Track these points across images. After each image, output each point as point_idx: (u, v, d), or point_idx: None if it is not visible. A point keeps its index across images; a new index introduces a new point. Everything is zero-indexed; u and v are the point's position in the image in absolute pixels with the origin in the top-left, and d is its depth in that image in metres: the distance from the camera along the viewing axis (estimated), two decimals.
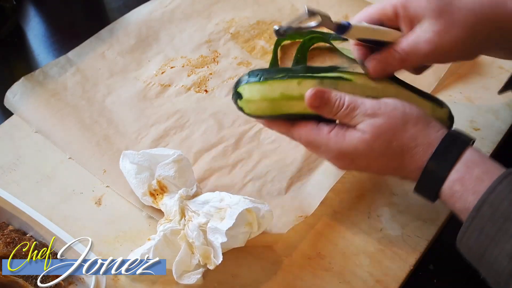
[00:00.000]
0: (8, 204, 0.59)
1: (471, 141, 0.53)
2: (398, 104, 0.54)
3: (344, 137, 0.54)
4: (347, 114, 0.54)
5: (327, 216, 0.64)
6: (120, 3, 0.93)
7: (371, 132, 0.52)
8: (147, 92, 0.77)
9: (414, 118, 0.53)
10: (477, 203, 0.47)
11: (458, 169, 0.50)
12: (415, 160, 0.52)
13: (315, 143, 0.56)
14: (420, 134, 0.52)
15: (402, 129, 0.52)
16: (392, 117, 0.53)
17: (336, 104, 0.54)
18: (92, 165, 0.68)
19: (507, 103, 0.76)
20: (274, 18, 0.86)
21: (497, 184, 0.47)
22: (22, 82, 0.76)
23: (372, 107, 0.53)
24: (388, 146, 0.53)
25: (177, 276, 0.56)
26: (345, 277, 0.59)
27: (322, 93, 0.54)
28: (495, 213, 0.46)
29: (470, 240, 0.48)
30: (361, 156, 0.54)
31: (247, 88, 0.57)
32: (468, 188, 0.49)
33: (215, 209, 0.57)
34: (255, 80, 0.57)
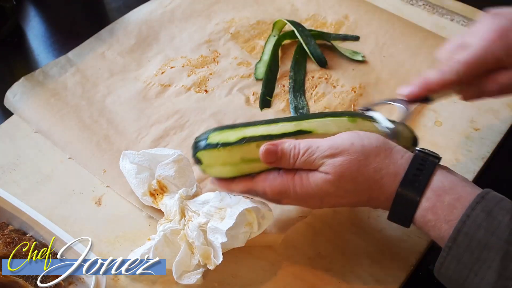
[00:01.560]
0: (8, 204, 0.59)
1: (438, 161, 0.51)
2: (355, 138, 0.52)
3: (308, 180, 0.53)
4: (306, 160, 0.52)
5: (327, 216, 0.64)
6: (120, 3, 0.93)
7: (334, 173, 0.51)
8: (147, 92, 0.77)
9: (374, 148, 0.52)
10: (453, 233, 0.47)
11: (428, 197, 0.49)
12: (383, 192, 0.51)
13: (282, 191, 0.54)
14: (384, 164, 0.51)
15: (364, 163, 0.51)
16: (351, 153, 0.51)
17: (292, 154, 0.53)
18: (92, 165, 0.69)
19: (507, 103, 0.76)
20: (274, 18, 0.86)
21: (470, 211, 0.47)
22: (22, 82, 0.76)
23: (329, 148, 0.52)
24: (354, 182, 0.52)
25: (177, 276, 0.56)
26: (345, 277, 0.59)
27: (276, 147, 0.53)
28: (471, 242, 0.46)
29: (449, 271, 0.47)
30: (329, 196, 0.53)
31: (206, 155, 0.56)
32: (441, 217, 0.48)
33: (215, 209, 0.57)
34: (213, 147, 0.55)
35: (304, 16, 0.88)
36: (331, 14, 0.89)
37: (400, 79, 0.79)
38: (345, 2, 0.90)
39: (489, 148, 0.71)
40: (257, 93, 0.77)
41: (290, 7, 0.90)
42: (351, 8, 0.89)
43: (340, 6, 0.89)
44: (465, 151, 0.71)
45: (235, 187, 0.57)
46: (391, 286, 0.58)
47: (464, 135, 0.72)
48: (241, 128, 0.56)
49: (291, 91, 0.77)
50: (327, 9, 0.89)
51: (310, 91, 0.78)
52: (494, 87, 0.56)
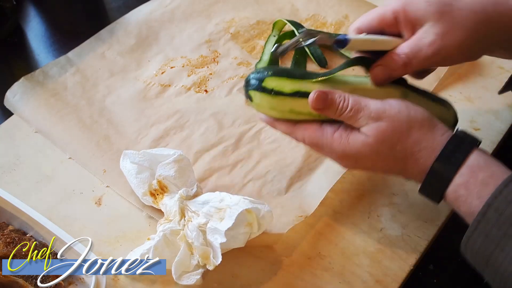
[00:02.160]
0: (8, 204, 0.59)
1: (477, 143, 0.52)
2: (402, 107, 0.53)
3: (348, 139, 0.54)
4: (351, 116, 0.53)
5: (327, 216, 0.64)
6: (120, 3, 0.93)
7: (374, 136, 0.52)
8: (147, 92, 0.77)
9: (418, 121, 0.52)
10: (483, 208, 0.47)
11: (462, 173, 0.50)
12: (418, 164, 0.52)
13: (319, 144, 0.55)
14: (424, 138, 0.52)
15: (406, 133, 0.52)
16: (396, 120, 0.52)
17: (340, 106, 0.54)
18: (92, 165, 0.69)
19: (507, 103, 0.76)
20: (274, 18, 0.86)
21: (503, 187, 0.47)
22: (22, 82, 0.76)
23: (376, 110, 0.53)
24: (392, 150, 0.52)
25: (177, 277, 0.56)
26: (345, 277, 0.59)
27: (326, 95, 0.54)
28: (500, 217, 0.46)
29: (475, 245, 0.48)
30: (365, 158, 0.54)
31: (258, 96, 0.57)
32: (473, 193, 0.49)
33: (215, 210, 0.57)
34: (266, 92, 0.56)
35: (304, 16, 0.88)
36: (331, 14, 0.89)
37: None
38: (345, 2, 0.90)
39: (489, 148, 0.71)
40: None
41: (290, 7, 0.90)
42: (351, 8, 0.89)
43: (340, 6, 0.89)
44: None
45: (278, 126, 0.58)
46: (391, 286, 0.58)
47: None
48: (298, 80, 0.56)
49: None
50: (327, 9, 0.89)
51: None
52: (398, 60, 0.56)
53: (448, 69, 0.78)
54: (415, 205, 0.65)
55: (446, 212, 0.64)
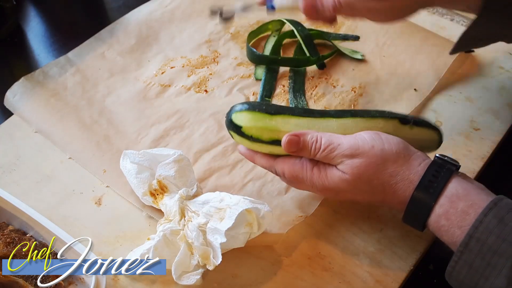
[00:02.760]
0: (8, 204, 0.59)
1: (456, 168, 0.52)
2: (376, 141, 0.53)
3: (326, 174, 0.55)
4: (325, 156, 0.54)
5: (327, 216, 0.64)
6: (120, 3, 0.93)
7: (350, 173, 0.53)
8: (147, 92, 0.77)
9: (393, 154, 0.53)
10: (464, 238, 0.47)
11: (441, 204, 0.50)
12: (397, 196, 0.52)
13: (299, 177, 0.57)
14: (401, 170, 0.52)
15: (381, 168, 0.52)
16: (371, 156, 0.52)
17: (313, 147, 0.54)
18: (92, 165, 0.69)
19: (507, 103, 0.76)
20: (274, 18, 0.86)
21: (482, 217, 0.47)
22: (22, 82, 0.76)
23: (350, 148, 0.53)
24: (369, 185, 0.53)
25: (177, 277, 0.56)
26: (345, 277, 0.59)
27: (298, 139, 0.55)
28: (483, 247, 0.46)
29: (460, 275, 0.48)
30: (344, 192, 0.55)
31: (237, 137, 0.59)
32: (454, 223, 0.49)
33: (215, 210, 0.57)
34: (245, 137, 0.58)
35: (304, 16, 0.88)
36: None
37: (400, 79, 0.79)
38: None
39: (489, 148, 0.71)
40: (257, 93, 0.77)
41: None
42: None
43: None
44: (465, 151, 0.71)
45: (258, 161, 0.60)
46: (391, 286, 0.58)
47: (464, 135, 0.72)
48: (277, 123, 0.57)
49: (291, 91, 0.77)
50: None
51: (310, 91, 0.78)
52: (330, 1, 0.58)
53: (448, 69, 0.78)
54: None
55: None
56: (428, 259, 0.62)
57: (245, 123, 0.58)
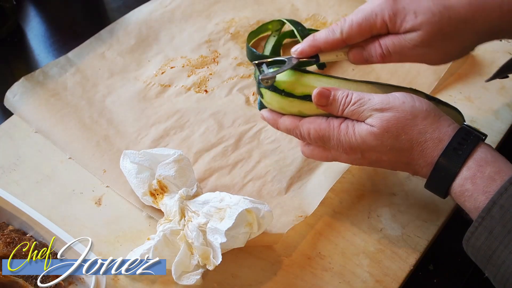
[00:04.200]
0: (8, 204, 0.59)
1: (484, 137, 0.52)
2: (407, 98, 0.53)
3: (354, 129, 0.54)
4: (355, 110, 0.53)
5: (327, 216, 0.64)
6: (120, 3, 0.93)
7: (379, 126, 0.52)
8: (147, 92, 0.77)
9: (423, 112, 0.52)
10: (488, 204, 0.47)
11: (469, 166, 0.49)
12: (424, 155, 0.51)
13: (325, 136, 0.55)
14: (430, 128, 0.51)
15: (411, 123, 0.52)
16: (400, 110, 0.52)
17: (343, 101, 0.54)
18: (92, 165, 0.69)
19: (507, 103, 0.76)
20: (274, 18, 0.86)
21: (508, 184, 0.47)
22: (22, 82, 0.76)
23: (380, 102, 0.53)
24: (397, 140, 0.52)
25: (177, 277, 0.56)
26: (345, 277, 0.59)
27: (328, 92, 0.54)
28: (505, 214, 0.46)
29: (478, 241, 0.47)
30: (371, 150, 0.54)
31: (268, 94, 0.58)
32: (479, 188, 0.48)
33: (215, 209, 0.57)
34: (277, 92, 0.57)
35: (304, 16, 0.88)
36: (331, 14, 0.89)
37: (400, 78, 0.79)
38: (345, 2, 0.90)
39: None
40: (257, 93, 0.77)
41: (290, 7, 0.90)
42: (351, 8, 0.89)
43: (340, 6, 0.89)
44: None
45: (282, 122, 0.58)
46: (391, 286, 0.58)
47: None
48: (310, 79, 0.57)
49: None
50: (327, 9, 0.89)
51: None
52: (378, 50, 0.57)
53: (448, 69, 0.78)
54: (415, 205, 0.65)
55: (446, 212, 0.64)
56: (428, 259, 0.62)
57: (279, 77, 0.57)
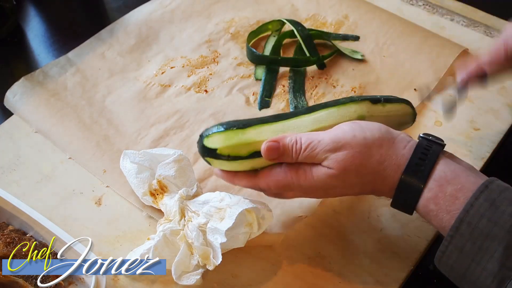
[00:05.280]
0: (8, 204, 0.59)
1: (442, 148, 0.51)
2: (356, 130, 0.52)
3: (312, 174, 0.53)
4: (308, 155, 0.52)
5: (327, 216, 0.64)
6: (120, 3, 0.93)
7: (337, 167, 0.51)
8: (147, 92, 0.77)
9: (376, 140, 0.51)
10: (455, 222, 0.47)
11: (430, 188, 0.49)
12: (387, 182, 0.51)
13: (286, 185, 0.54)
14: (387, 156, 0.51)
15: (367, 156, 0.51)
16: (354, 146, 0.51)
17: (294, 149, 0.53)
18: (92, 165, 0.69)
19: (507, 103, 0.76)
20: (274, 18, 0.86)
21: (473, 200, 0.46)
22: (22, 82, 0.76)
23: (331, 141, 0.52)
24: (358, 175, 0.52)
25: (177, 277, 0.56)
26: (345, 277, 0.59)
27: (277, 144, 0.53)
28: (474, 231, 0.46)
29: (450, 260, 0.47)
30: (334, 188, 0.53)
31: (215, 162, 0.56)
32: (443, 208, 0.48)
33: (215, 209, 0.57)
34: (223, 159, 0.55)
35: (304, 16, 0.88)
36: (331, 14, 0.89)
37: (400, 79, 0.79)
38: (345, 2, 0.90)
39: (489, 148, 0.71)
40: (257, 93, 0.77)
41: (290, 7, 0.90)
42: (351, 8, 0.89)
43: (340, 6, 0.89)
44: (465, 151, 0.71)
45: (238, 182, 0.57)
46: (391, 286, 0.58)
47: (464, 135, 0.72)
48: (251, 135, 0.55)
49: (291, 91, 0.77)
50: (327, 9, 0.89)
51: (310, 91, 0.78)
52: None
53: (448, 69, 0.78)
54: None
55: None
56: (428, 259, 0.61)
57: (219, 144, 0.54)
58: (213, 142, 0.55)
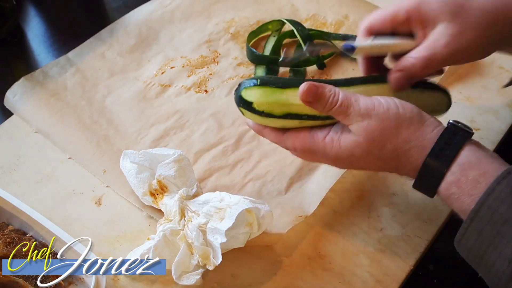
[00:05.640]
0: (8, 204, 0.59)
1: (469, 136, 0.52)
2: (391, 105, 0.53)
3: (340, 142, 0.54)
4: (341, 112, 0.53)
5: (327, 216, 0.64)
6: (120, 3, 0.93)
7: (364, 137, 0.52)
8: (147, 92, 0.77)
9: (407, 119, 0.52)
10: (475, 205, 0.47)
11: (453, 171, 0.50)
12: (410, 162, 0.52)
13: (312, 150, 0.55)
14: (414, 136, 0.52)
15: (395, 132, 0.52)
16: (385, 119, 0.52)
17: (330, 100, 0.53)
18: (92, 165, 0.69)
19: (507, 103, 0.76)
20: (274, 18, 0.86)
21: (495, 185, 0.47)
22: (22, 82, 0.76)
23: (365, 107, 0.53)
24: (382, 149, 0.53)
25: (177, 277, 0.56)
26: (345, 277, 0.59)
27: (316, 88, 0.54)
28: (493, 215, 0.46)
29: (469, 243, 0.48)
30: (358, 160, 0.54)
31: (248, 113, 0.57)
32: (464, 191, 0.49)
33: (215, 209, 0.57)
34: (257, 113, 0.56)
35: (304, 16, 0.88)
36: (331, 14, 0.89)
37: None
38: (345, 2, 0.90)
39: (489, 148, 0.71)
40: None
41: (290, 7, 0.90)
42: (351, 8, 0.89)
43: (340, 6, 0.89)
44: None
45: (266, 135, 0.58)
46: (391, 286, 0.58)
47: None
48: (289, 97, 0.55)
49: None
50: (327, 9, 0.89)
51: None
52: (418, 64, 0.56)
53: (448, 69, 0.78)
54: (415, 205, 0.65)
55: (446, 212, 0.64)
56: (428, 259, 0.62)
57: (256, 99, 0.55)
58: (250, 95, 0.55)
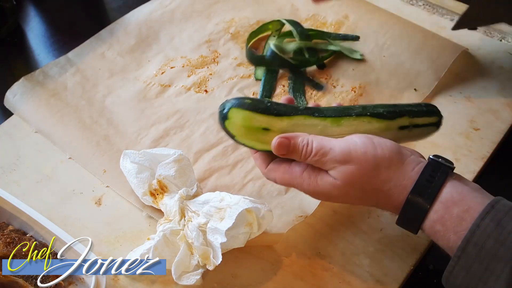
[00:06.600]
0: (8, 204, 0.59)
1: (450, 171, 0.51)
2: (368, 147, 0.52)
3: (317, 180, 0.53)
4: (317, 160, 0.53)
5: (327, 216, 0.64)
6: (120, 3, 0.93)
7: (343, 180, 0.52)
8: (147, 92, 0.77)
9: (386, 160, 0.52)
10: (462, 243, 0.47)
11: (436, 209, 0.49)
12: (392, 201, 0.52)
13: (290, 184, 0.56)
14: (394, 176, 0.51)
15: (373, 174, 0.51)
16: (363, 162, 0.51)
17: (304, 151, 0.53)
18: (92, 165, 0.69)
19: (507, 103, 0.76)
20: (274, 18, 0.86)
21: (480, 220, 0.46)
22: (22, 82, 0.76)
23: (341, 154, 0.52)
24: (362, 190, 0.52)
25: (177, 277, 0.56)
26: (345, 277, 0.59)
27: (288, 141, 0.53)
28: (480, 252, 0.46)
29: (457, 280, 0.47)
30: (337, 197, 0.54)
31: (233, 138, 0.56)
32: (449, 228, 0.48)
33: (215, 209, 0.57)
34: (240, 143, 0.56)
35: (304, 16, 0.88)
36: (331, 14, 0.89)
37: (400, 79, 0.79)
38: (345, 2, 0.90)
39: (489, 148, 0.71)
40: (257, 93, 0.77)
41: (290, 7, 0.90)
42: (351, 8, 0.89)
43: (340, 6, 0.89)
44: (465, 151, 0.71)
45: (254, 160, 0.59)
46: (391, 286, 0.58)
47: (464, 135, 0.72)
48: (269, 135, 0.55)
49: (291, 91, 0.77)
50: (327, 9, 0.89)
51: (310, 91, 0.78)
52: None
53: (448, 69, 0.78)
54: None
55: None
56: (428, 259, 0.61)
57: (238, 133, 0.55)
58: (233, 128, 0.55)
